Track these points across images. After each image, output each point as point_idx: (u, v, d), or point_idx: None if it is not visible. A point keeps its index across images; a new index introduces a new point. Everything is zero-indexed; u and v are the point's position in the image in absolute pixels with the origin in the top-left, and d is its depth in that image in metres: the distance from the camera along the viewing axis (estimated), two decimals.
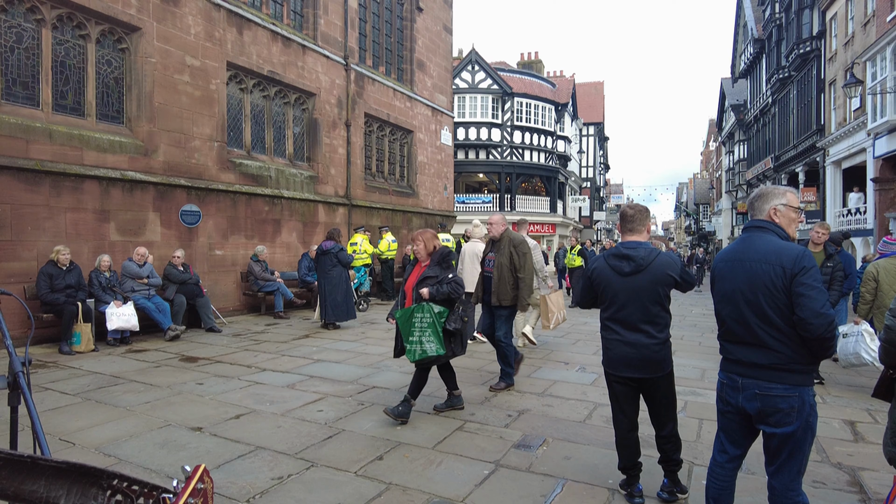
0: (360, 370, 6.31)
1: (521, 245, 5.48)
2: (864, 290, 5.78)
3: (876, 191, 16.20)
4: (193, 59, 9.78)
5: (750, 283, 2.39)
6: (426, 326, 4.37)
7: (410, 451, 3.88)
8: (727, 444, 2.60)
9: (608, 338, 3.16)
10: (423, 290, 4.45)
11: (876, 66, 15.24)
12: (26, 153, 7.48)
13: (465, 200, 29.72)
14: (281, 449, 3.87)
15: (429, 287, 4.45)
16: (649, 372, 3.04)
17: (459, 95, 28.06)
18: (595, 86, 45.12)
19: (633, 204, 3.32)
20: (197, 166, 9.88)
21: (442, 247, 4.65)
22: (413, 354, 4.44)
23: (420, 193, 17.63)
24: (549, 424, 4.51)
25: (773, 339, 2.34)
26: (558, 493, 3.27)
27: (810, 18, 21.35)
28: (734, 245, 2.59)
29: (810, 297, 2.24)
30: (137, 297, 7.90)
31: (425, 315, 4.38)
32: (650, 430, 3.31)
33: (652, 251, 3.07)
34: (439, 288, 4.42)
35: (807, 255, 2.32)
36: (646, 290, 3.02)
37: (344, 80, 13.80)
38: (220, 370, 6.24)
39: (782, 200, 2.50)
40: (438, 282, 4.45)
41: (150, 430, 4.22)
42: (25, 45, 7.84)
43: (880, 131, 15.18)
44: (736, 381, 2.46)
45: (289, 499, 3.16)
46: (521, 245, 5.48)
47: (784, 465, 2.38)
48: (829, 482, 3.50)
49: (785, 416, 2.32)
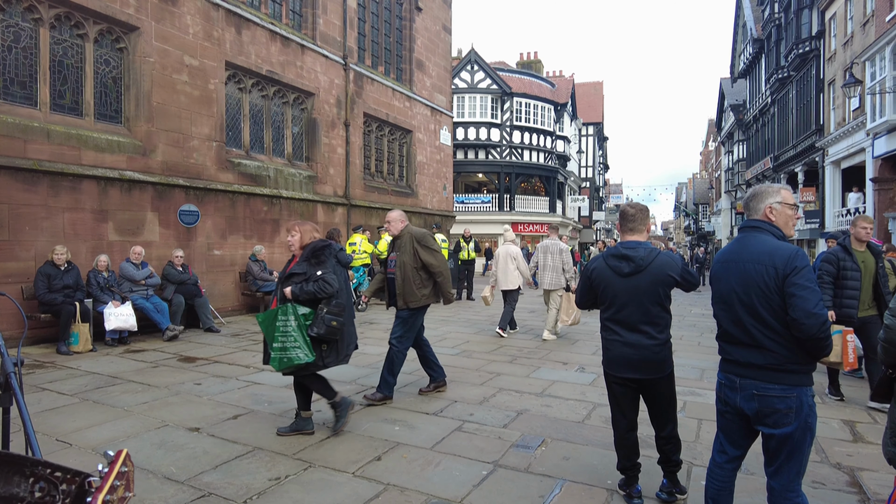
0: (358, 370, 6.30)
1: (424, 239, 5.07)
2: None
3: (875, 191, 16.20)
4: (192, 59, 9.77)
5: (744, 284, 2.39)
6: (291, 331, 3.82)
7: (409, 452, 3.86)
8: (726, 444, 2.59)
9: (608, 338, 3.14)
10: (286, 290, 3.96)
11: (875, 65, 15.24)
12: (24, 153, 7.46)
13: (465, 200, 29.72)
14: (278, 449, 3.86)
15: (292, 286, 3.94)
16: (650, 373, 3.02)
17: (458, 95, 28.06)
18: (594, 86, 45.13)
19: (633, 203, 3.29)
20: (195, 166, 9.87)
21: (316, 241, 4.14)
22: (277, 363, 3.86)
23: (419, 193, 17.62)
24: (548, 425, 4.49)
25: (768, 340, 2.33)
26: (557, 494, 3.26)
27: (809, 18, 21.35)
28: (730, 246, 2.58)
29: (802, 298, 2.22)
30: (136, 298, 7.88)
31: (289, 318, 3.83)
32: (649, 430, 3.30)
33: (652, 251, 3.05)
34: (304, 287, 3.89)
35: (799, 254, 2.30)
36: (646, 290, 3.00)
37: (343, 79, 13.79)
38: (219, 370, 6.22)
39: (777, 199, 2.48)
40: (305, 279, 3.93)
41: (147, 431, 4.21)
42: (23, 44, 7.82)
43: (879, 131, 15.18)
44: (734, 382, 2.45)
45: (286, 499, 3.14)
46: (424, 239, 5.07)
47: (783, 466, 2.36)
48: (828, 482, 3.49)
49: (783, 417, 2.31)
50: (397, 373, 5.09)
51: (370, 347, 7.66)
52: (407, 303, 5.02)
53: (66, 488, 1.01)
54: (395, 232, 5.13)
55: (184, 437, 4.11)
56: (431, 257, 5.04)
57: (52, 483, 1.00)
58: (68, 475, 1.01)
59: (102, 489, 0.96)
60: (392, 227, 5.14)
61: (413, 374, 6.10)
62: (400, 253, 5.07)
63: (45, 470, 1.00)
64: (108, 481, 0.97)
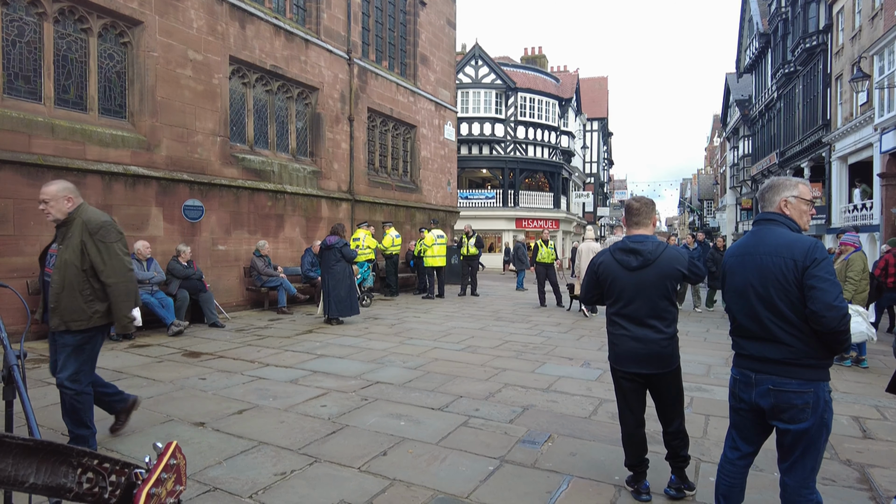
0: (363, 365, 6.28)
1: (102, 230, 3.54)
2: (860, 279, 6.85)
3: (882, 186, 16.09)
4: (196, 54, 9.74)
5: (761, 277, 2.34)
6: None
7: (414, 447, 3.84)
8: (739, 441, 2.55)
9: (615, 333, 3.11)
10: None
11: (883, 60, 15.11)
12: (28, 148, 7.46)
13: (469, 196, 29.68)
14: (284, 444, 3.84)
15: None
16: (657, 367, 2.99)
17: (463, 90, 27.97)
18: (599, 81, 44.94)
19: (638, 197, 3.25)
20: (199, 161, 9.85)
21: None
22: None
23: (423, 189, 17.58)
24: (554, 420, 4.47)
25: (785, 334, 2.29)
26: (564, 490, 3.23)
27: (817, 12, 21.18)
28: (745, 239, 2.53)
29: (823, 290, 2.18)
30: (140, 293, 7.87)
31: None
32: (657, 426, 3.27)
33: (659, 245, 3.02)
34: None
35: (818, 246, 2.27)
36: (653, 284, 2.97)
37: (347, 74, 13.74)
38: (223, 365, 6.22)
39: (794, 192, 2.44)
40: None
41: (152, 426, 4.20)
42: (27, 38, 7.80)
43: (887, 126, 15.06)
44: (749, 377, 2.41)
45: (292, 494, 3.13)
46: (102, 230, 3.54)
47: (797, 463, 2.32)
48: (838, 479, 3.45)
49: (799, 413, 2.27)
50: (91, 420, 3.61)
51: (375, 343, 7.66)
52: (67, 322, 3.46)
53: (115, 480, 1.00)
54: (57, 215, 3.51)
55: (189, 431, 4.10)
56: (102, 258, 3.52)
57: (101, 474, 0.98)
58: (117, 466, 1.00)
59: (148, 481, 0.94)
60: (52, 208, 3.49)
61: (417, 370, 6.09)
62: (63, 248, 3.51)
63: (92, 461, 0.98)
64: (155, 474, 0.95)
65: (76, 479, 0.97)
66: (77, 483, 0.97)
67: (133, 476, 0.99)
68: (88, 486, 0.98)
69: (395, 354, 6.90)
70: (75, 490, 0.97)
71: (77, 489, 0.97)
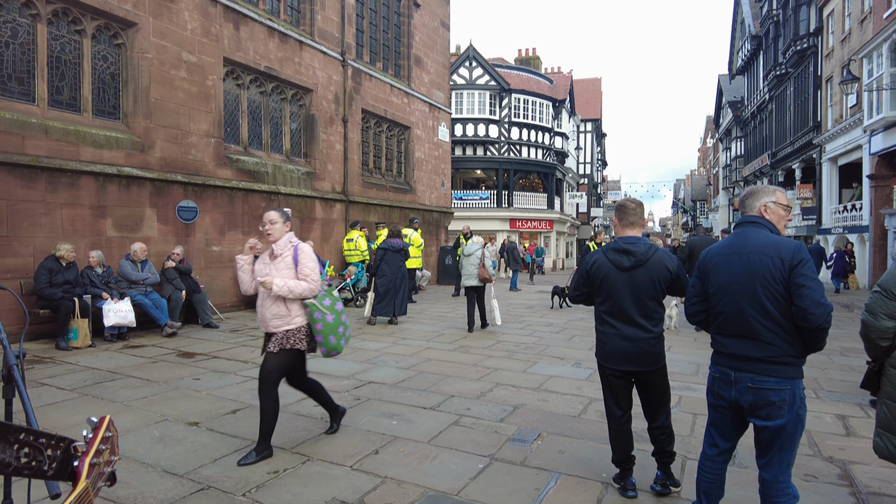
0: (356, 365, 6.33)
1: None
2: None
3: (872, 187, 16.26)
4: (190, 55, 9.76)
5: (748, 275, 2.43)
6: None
7: (406, 446, 3.90)
8: (717, 437, 2.63)
9: (604, 331, 3.18)
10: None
11: (872, 62, 15.27)
12: (22, 149, 7.47)
13: (463, 197, 29.73)
14: (277, 443, 3.88)
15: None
16: (645, 365, 3.07)
17: (457, 91, 28.04)
18: (593, 82, 45.08)
19: (631, 198, 3.33)
20: (194, 162, 9.87)
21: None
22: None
23: (417, 189, 17.63)
24: (544, 419, 4.53)
25: (768, 332, 2.38)
26: (552, 487, 3.30)
27: (807, 15, 21.37)
28: (728, 239, 2.61)
29: (811, 288, 2.29)
30: (134, 294, 7.90)
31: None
32: (643, 424, 3.34)
33: (651, 246, 3.10)
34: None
35: (802, 247, 2.39)
36: (644, 284, 3.05)
37: (341, 75, 13.78)
38: (217, 366, 6.25)
39: (772, 198, 2.56)
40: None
41: (146, 425, 4.24)
42: (20, 40, 7.81)
43: (876, 128, 15.23)
44: (729, 375, 2.49)
45: (284, 492, 3.18)
46: None
47: (775, 457, 2.41)
48: (820, 476, 3.53)
49: (777, 409, 2.36)
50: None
51: (368, 343, 7.70)
52: None
53: (52, 453, 1.06)
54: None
55: (183, 431, 4.14)
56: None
57: (37, 449, 1.04)
58: (52, 441, 1.06)
59: (88, 453, 1.01)
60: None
61: (410, 370, 6.14)
62: None
63: (28, 436, 1.04)
64: (94, 445, 1.02)
65: (14, 454, 1.02)
66: (15, 458, 1.03)
67: (71, 449, 1.05)
68: (26, 461, 1.04)
69: (388, 354, 6.95)
70: (14, 465, 1.03)
71: (16, 464, 1.03)
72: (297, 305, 3.72)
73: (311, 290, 3.70)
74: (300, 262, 3.72)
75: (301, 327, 3.72)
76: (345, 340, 3.93)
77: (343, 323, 3.89)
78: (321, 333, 3.75)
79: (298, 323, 3.72)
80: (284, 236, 3.77)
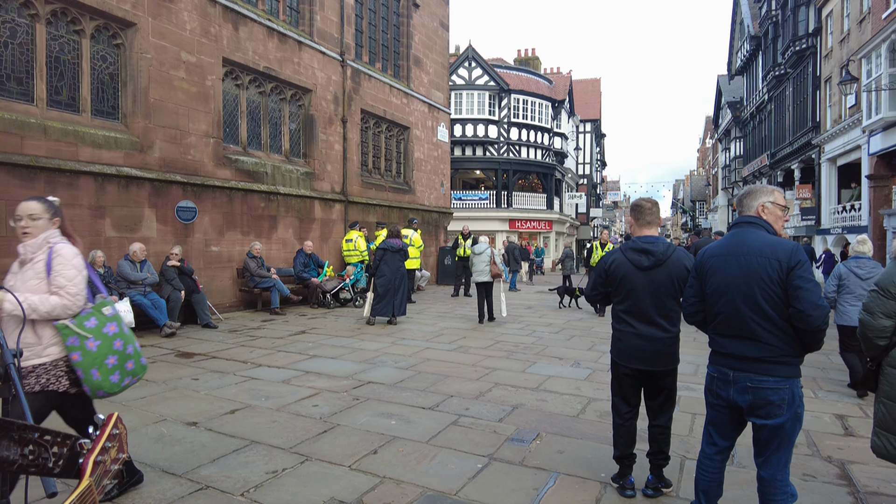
0: (355, 366, 6.33)
1: None
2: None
3: (871, 188, 16.27)
4: (189, 55, 9.76)
5: (745, 276, 2.43)
6: None
7: (405, 446, 3.90)
8: (716, 436, 2.64)
9: (621, 329, 3.18)
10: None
11: (871, 63, 15.28)
12: (21, 149, 7.46)
13: (462, 197, 29.73)
14: (276, 443, 3.89)
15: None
16: (660, 365, 3.08)
17: (456, 92, 28.04)
18: (592, 82, 45.12)
19: (646, 197, 3.31)
20: (193, 162, 9.87)
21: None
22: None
23: (417, 190, 17.63)
24: (543, 419, 4.53)
25: (765, 332, 2.38)
26: (551, 487, 3.30)
27: (806, 15, 21.39)
28: (725, 240, 2.61)
29: (808, 290, 2.29)
30: (133, 294, 7.89)
31: None
32: (642, 423, 3.34)
33: (669, 245, 3.10)
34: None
35: (800, 249, 2.39)
36: (663, 283, 3.04)
37: (340, 76, 13.78)
38: (216, 366, 6.25)
39: (770, 198, 2.56)
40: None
41: (145, 425, 4.23)
42: (19, 40, 7.80)
43: (875, 128, 15.24)
44: (727, 375, 2.49)
45: (283, 492, 3.17)
46: None
47: (773, 456, 2.42)
48: (819, 475, 3.53)
49: (776, 409, 2.37)
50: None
51: (367, 343, 7.70)
52: None
53: (58, 451, 1.05)
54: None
55: (182, 431, 4.14)
56: None
57: (42, 446, 1.04)
58: (58, 438, 1.06)
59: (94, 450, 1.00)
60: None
61: (409, 370, 6.14)
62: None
63: (33, 434, 1.04)
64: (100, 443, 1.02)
65: (19, 451, 1.02)
66: (21, 455, 1.02)
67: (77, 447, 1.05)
68: (32, 458, 1.04)
69: (387, 354, 6.95)
70: (19, 462, 1.02)
71: (21, 461, 1.02)
72: (49, 330, 2.76)
73: (66, 306, 2.75)
74: (54, 268, 2.78)
75: (58, 360, 2.77)
76: (123, 375, 2.93)
77: (117, 351, 2.89)
78: (80, 366, 2.78)
79: (54, 354, 2.76)
80: (42, 235, 2.90)
